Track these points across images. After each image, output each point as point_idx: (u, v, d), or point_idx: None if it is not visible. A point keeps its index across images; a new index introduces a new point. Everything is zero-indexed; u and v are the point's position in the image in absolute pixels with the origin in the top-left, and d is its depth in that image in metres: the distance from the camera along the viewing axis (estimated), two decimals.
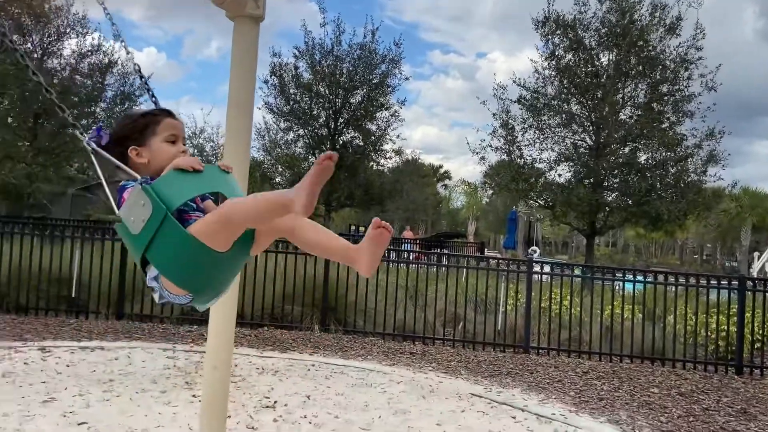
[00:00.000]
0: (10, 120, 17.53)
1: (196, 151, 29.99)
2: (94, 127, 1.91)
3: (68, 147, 18.53)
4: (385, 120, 22.22)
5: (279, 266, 9.14)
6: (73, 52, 18.30)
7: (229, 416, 4.26)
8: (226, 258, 1.78)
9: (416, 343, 8.65)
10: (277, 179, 24.31)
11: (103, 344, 7.18)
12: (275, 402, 5.40)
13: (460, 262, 10.93)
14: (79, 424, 4.51)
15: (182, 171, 1.75)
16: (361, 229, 28.16)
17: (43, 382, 5.51)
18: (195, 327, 8.61)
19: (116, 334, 7.86)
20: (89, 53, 18.40)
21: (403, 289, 9.23)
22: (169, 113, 1.99)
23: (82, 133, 1.93)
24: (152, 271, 1.84)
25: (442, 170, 63.27)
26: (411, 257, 14.49)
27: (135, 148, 1.87)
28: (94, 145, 1.88)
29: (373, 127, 22.19)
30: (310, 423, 4.92)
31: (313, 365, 6.93)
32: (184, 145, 1.94)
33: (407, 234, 29.82)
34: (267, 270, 8.95)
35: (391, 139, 22.77)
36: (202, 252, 1.71)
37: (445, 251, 22.31)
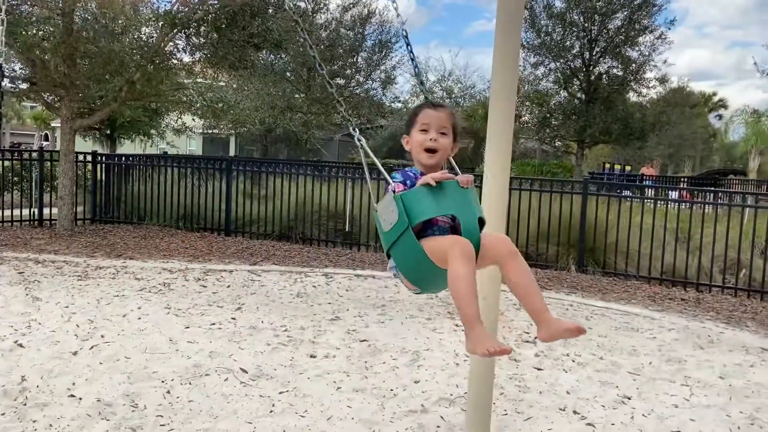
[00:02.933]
0: (288, 74, 19.87)
1: (444, 93, 30.76)
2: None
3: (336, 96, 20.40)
4: (648, 45, 20.00)
5: (532, 204, 8.98)
6: (338, 6, 19.85)
7: None
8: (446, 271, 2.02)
9: (688, 289, 7.85)
10: (525, 117, 23.69)
11: (374, 273, 7.91)
12: (535, 338, 5.38)
13: (741, 201, 9.48)
14: (361, 341, 5.06)
15: (429, 187, 2.02)
16: (617, 167, 26.05)
17: (329, 303, 6.29)
18: None
19: (384, 264, 8.55)
20: (351, 5, 19.77)
21: (670, 232, 8.38)
22: (429, 105, 2.29)
23: (354, 129, 2.31)
24: (392, 262, 2.18)
25: (715, 98, 55.28)
26: (673, 196, 13.04)
27: (405, 136, 2.30)
28: (362, 143, 2.31)
29: (634, 54, 20.14)
30: (573, 361, 4.81)
31: (571, 305, 6.75)
32: (443, 132, 2.20)
33: (646, 170, 25.94)
34: (521, 208, 8.86)
35: (655, 66, 20.47)
36: (428, 264, 2.03)
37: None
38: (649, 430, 3.69)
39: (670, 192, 13.65)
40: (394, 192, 2.05)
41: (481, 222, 2.17)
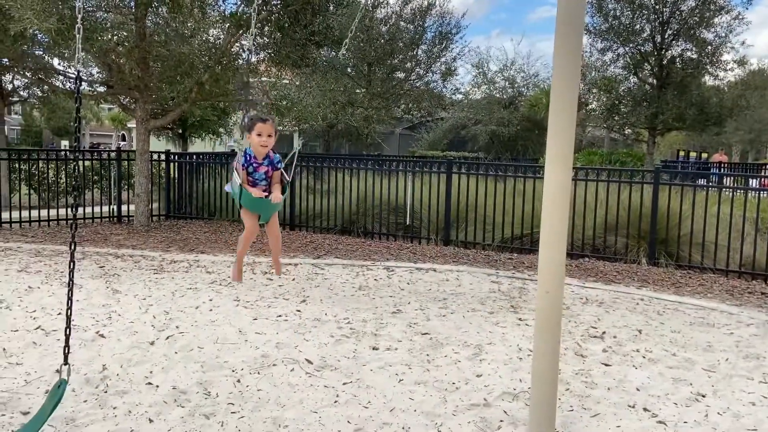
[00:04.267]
0: (349, 70, 20.03)
1: (507, 83, 30.21)
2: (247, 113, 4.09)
3: (396, 90, 20.43)
4: (725, 25, 18.94)
5: (600, 195, 8.72)
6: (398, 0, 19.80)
7: None
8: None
9: None
10: (592, 104, 22.97)
11: (435, 266, 7.90)
12: (603, 333, 5.25)
13: None
14: (422, 334, 5.08)
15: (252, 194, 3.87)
16: (692, 154, 24.87)
17: (390, 296, 6.34)
18: (515, 255, 8.86)
19: (445, 258, 8.57)
20: None
21: (750, 222, 7.95)
22: (260, 120, 3.77)
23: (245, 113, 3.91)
24: (230, 189, 4.11)
25: None
26: (753, 184, 12.37)
27: (247, 134, 3.79)
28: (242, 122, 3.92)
29: (710, 35, 19.11)
30: (643, 357, 4.66)
31: (642, 299, 6.52)
32: (269, 136, 3.77)
33: (718, 157, 24.49)
34: (587, 199, 8.62)
35: (732, 47, 19.37)
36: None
37: None
38: (724, 429, 3.54)
39: (750, 180, 12.94)
40: (240, 183, 3.77)
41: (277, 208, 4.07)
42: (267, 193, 3.84)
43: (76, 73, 2.85)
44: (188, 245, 8.93)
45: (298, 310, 5.66)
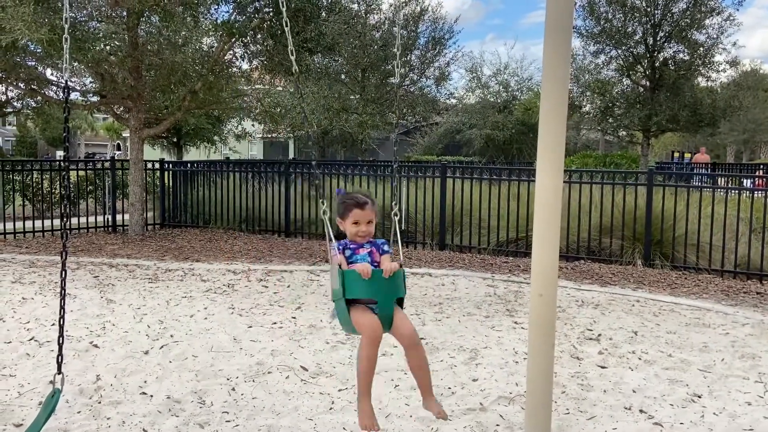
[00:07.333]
0: (343, 76, 20.05)
1: (501, 87, 30.31)
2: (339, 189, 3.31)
3: (390, 96, 20.45)
4: (716, 27, 19.05)
5: (594, 197, 8.73)
6: (390, 5, 19.87)
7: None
8: None
9: (764, 282, 7.44)
10: (586, 107, 23.04)
11: (430, 271, 7.90)
12: (599, 335, 5.24)
13: None
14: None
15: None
16: (687, 155, 24.93)
17: None
18: (511, 258, 8.86)
19: (440, 262, 8.56)
20: (404, 4, 19.73)
21: (745, 222, 7.97)
22: (357, 204, 2.79)
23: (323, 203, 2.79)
24: (334, 309, 2.81)
25: None
26: (747, 184, 12.42)
27: (340, 220, 2.86)
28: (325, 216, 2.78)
29: (702, 37, 19.22)
30: (639, 359, 4.65)
31: (638, 301, 6.53)
32: (368, 223, 2.78)
33: (700, 157, 23.53)
34: (581, 202, 8.63)
35: (724, 48, 19.48)
36: (351, 325, 2.75)
37: None
38: (720, 430, 3.53)
39: (744, 180, 12.99)
40: (339, 266, 2.68)
41: (400, 299, 2.80)
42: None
43: (63, 82, 2.85)
44: (183, 254, 8.91)
45: (293, 317, 5.64)
